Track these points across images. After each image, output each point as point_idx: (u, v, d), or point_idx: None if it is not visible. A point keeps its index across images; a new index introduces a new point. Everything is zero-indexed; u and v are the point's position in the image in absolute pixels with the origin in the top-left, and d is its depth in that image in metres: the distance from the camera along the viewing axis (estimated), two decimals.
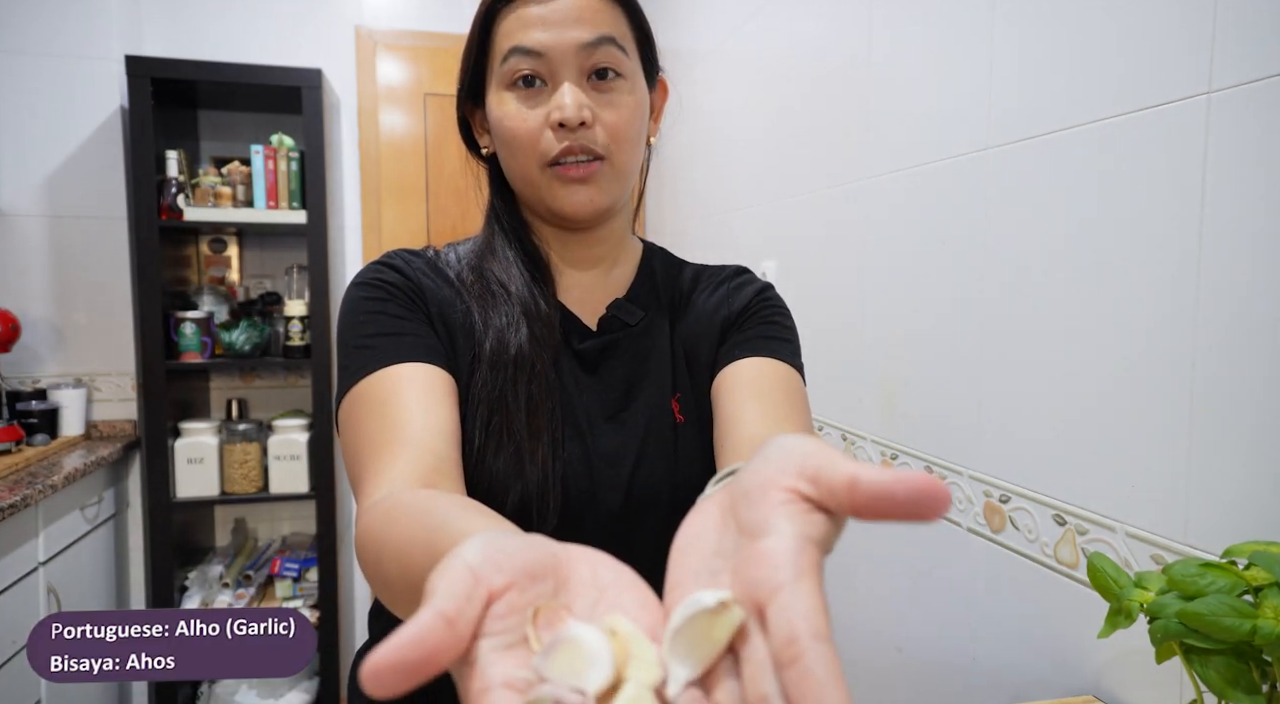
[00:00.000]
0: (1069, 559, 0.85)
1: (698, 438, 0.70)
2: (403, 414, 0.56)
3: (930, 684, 1.12)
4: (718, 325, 0.73)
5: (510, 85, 0.65)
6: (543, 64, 0.63)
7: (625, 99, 0.65)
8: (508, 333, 0.65)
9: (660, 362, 0.71)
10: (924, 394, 1.12)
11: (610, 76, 0.65)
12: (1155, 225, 0.74)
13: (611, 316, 0.72)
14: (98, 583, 2.09)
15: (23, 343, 2.11)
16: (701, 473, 0.69)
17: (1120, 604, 0.57)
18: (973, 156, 0.99)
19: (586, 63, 0.64)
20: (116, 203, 2.23)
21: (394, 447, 0.54)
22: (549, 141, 0.64)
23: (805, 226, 1.46)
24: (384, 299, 0.64)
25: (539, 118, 0.64)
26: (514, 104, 0.65)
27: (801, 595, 0.23)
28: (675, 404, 0.70)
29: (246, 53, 2.38)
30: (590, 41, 0.63)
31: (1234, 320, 0.67)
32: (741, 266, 0.79)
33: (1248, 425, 0.66)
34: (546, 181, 0.66)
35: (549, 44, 0.63)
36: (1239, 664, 0.51)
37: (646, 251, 0.79)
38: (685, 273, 0.78)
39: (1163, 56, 0.73)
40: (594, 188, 0.65)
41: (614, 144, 0.65)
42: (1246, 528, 0.65)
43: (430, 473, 0.52)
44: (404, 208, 2.56)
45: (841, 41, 1.31)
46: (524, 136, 0.64)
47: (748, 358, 0.68)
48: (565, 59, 0.63)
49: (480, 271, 0.70)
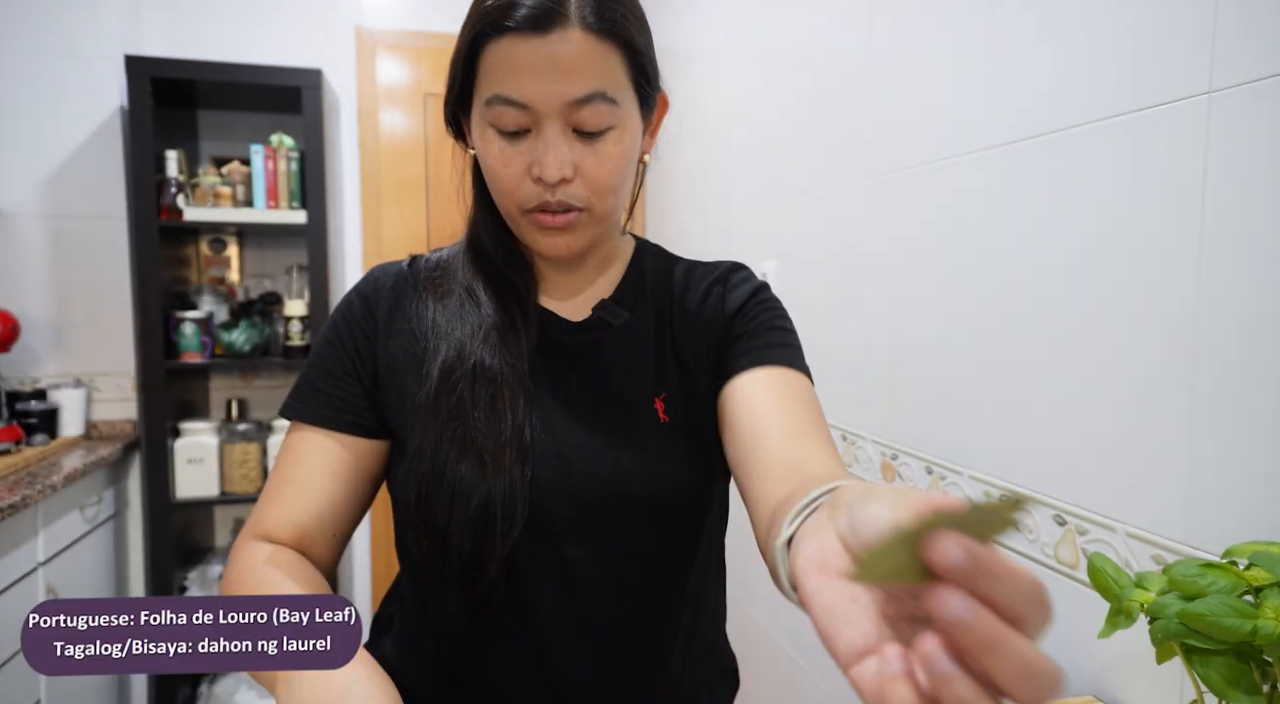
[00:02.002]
0: (1069, 559, 0.85)
1: (683, 438, 0.69)
2: (292, 481, 0.68)
3: None
4: (712, 325, 0.71)
5: (493, 125, 0.62)
6: (526, 115, 0.60)
7: (611, 150, 0.62)
8: (470, 342, 0.67)
9: (644, 362, 0.71)
10: (924, 394, 1.11)
11: (597, 131, 0.62)
12: (1156, 225, 0.74)
13: (595, 317, 0.71)
14: (97, 583, 2.08)
15: (22, 343, 2.11)
16: (684, 474, 0.68)
17: (1121, 604, 0.57)
18: (973, 156, 0.99)
19: (572, 117, 0.60)
20: (116, 203, 2.23)
21: (278, 505, 0.68)
22: (528, 190, 0.62)
23: (805, 226, 1.46)
24: (333, 345, 0.71)
25: (520, 165, 0.62)
26: (496, 145, 0.62)
27: None
28: (660, 404, 0.70)
29: (246, 53, 2.38)
30: (578, 98, 0.59)
31: (1234, 319, 0.67)
32: (736, 263, 0.77)
33: (1248, 425, 0.65)
34: (524, 225, 0.65)
35: (534, 98, 0.59)
36: (1239, 664, 0.51)
37: (638, 250, 0.78)
38: (677, 270, 0.76)
39: (1164, 56, 0.73)
40: (571, 235, 0.65)
41: (595, 196, 0.63)
42: (1247, 528, 0.65)
43: (299, 536, 0.67)
44: (404, 208, 2.56)
45: (842, 41, 1.31)
46: (504, 181, 0.63)
47: (759, 369, 0.67)
48: (550, 112, 0.60)
49: (455, 277, 0.71)
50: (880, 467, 1.23)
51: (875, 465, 1.24)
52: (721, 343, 0.71)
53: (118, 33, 2.20)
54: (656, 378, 0.70)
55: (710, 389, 0.70)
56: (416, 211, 2.57)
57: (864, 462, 1.26)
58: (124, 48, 2.19)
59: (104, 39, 2.18)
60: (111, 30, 2.19)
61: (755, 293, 0.73)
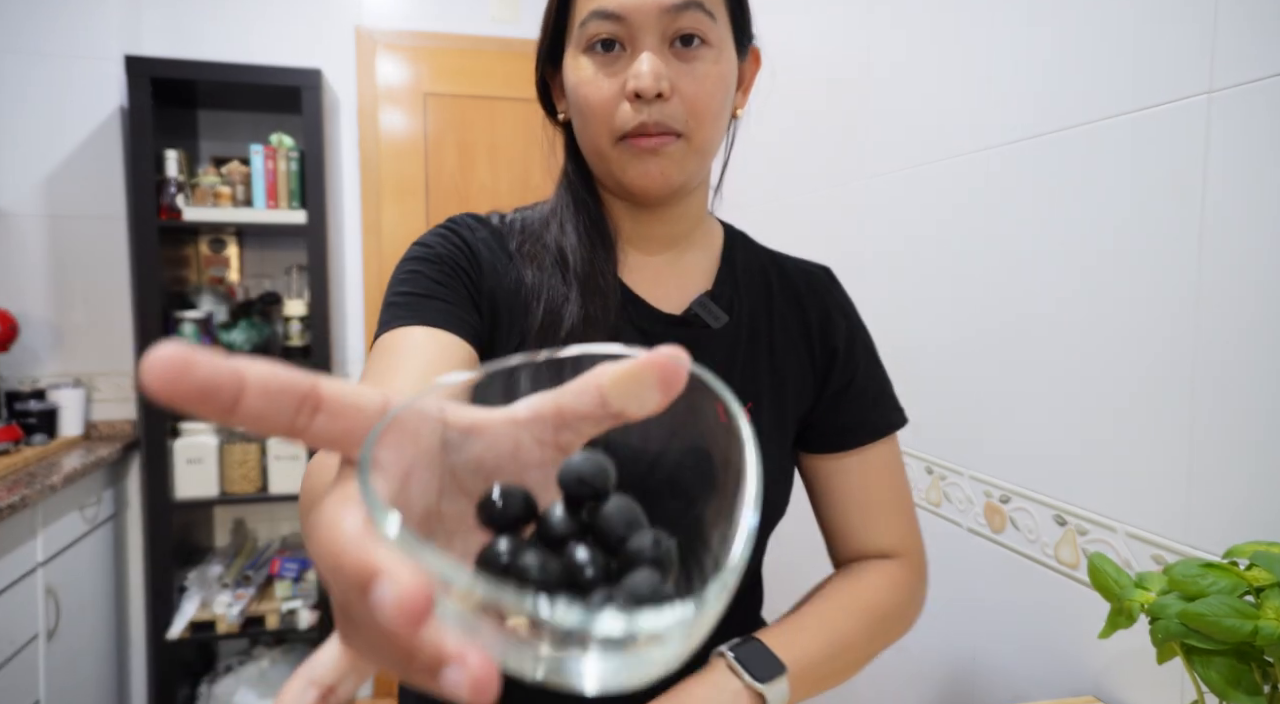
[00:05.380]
0: (1070, 559, 0.85)
1: (767, 448, 0.67)
2: (394, 372, 0.55)
3: (931, 684, 1.12)
4: (814, 347, 0.71)
5: (588, 49, 0.61)
6: (622, 28, 0.59)
7: (709, 69, 0.61)
8: (562, 308, 0.63)
9: (734, 367, 0.68)
10: (925, 394, 1.11)
11: (695, 44, 0.60)
12: (1156, 225, 0.74)
13: (694, 314, 0.68)
14: (97, 584, 2.08)
15: (22, 343, 2.11)
16: (765, 484, 0.67)
17: (1121, 605, 0.57)
18: (973, 156, 0.99)
19: (669, 28, 0.59)
20: (116, 202, 2.22)
21: None
22: (624, 114, 0.60)
23: (805, 226, 1.46)
24: (428, 261, 0.63)
25: (615, 86, 0.60)
26: (590, 70, 0.61)
27: None
28: (746, 413, 0.69)
29: (246, 52, 2.38)
30: (674, 5, 0.58)
31: (1235, 320, 0.66)
32: (828, 269, 0.76)
33: (1249, 425, 0.65)
34: (618, 155, 0.62)
35: (630, 7, 0.58)
36: (1240, 665, 0.51)
37: (729, 239, 0.74)
38: (770, 269, 0.74)
39: (1164, 56, 0.73)
40: (667, 161, 0.61)
41: (693, 119, 0.61)
42: (1248, 528, 0.65)
43: None
44: (404, 208, 2.56)
45: (842, 41, 1.31)
46: (598, 106, 0.61)
47: (861, 452, 0.72)
48: (646, 23, 0.59)
49: (542, 240, 0.67)
50: None
51: None
52: (821, 377, 0.71)
53: (117, 32, 2.20)
54: (745, 386, 0.68)
55: (797, 408, 0.70)
56: (416, 211, 2.57)
57: None
58: (124, 48, 2.19)
59: (104, 39, 2.18)
60: (111, 30, 2.18)
61: (851, 319, 0.74)
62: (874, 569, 0.71)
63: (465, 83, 2.56)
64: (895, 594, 0.69)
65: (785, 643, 0.61)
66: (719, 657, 0.59)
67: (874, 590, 0.69)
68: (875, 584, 0.69)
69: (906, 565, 0.72)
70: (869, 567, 0.71)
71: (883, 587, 0.69)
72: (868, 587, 0.69)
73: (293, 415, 0.22)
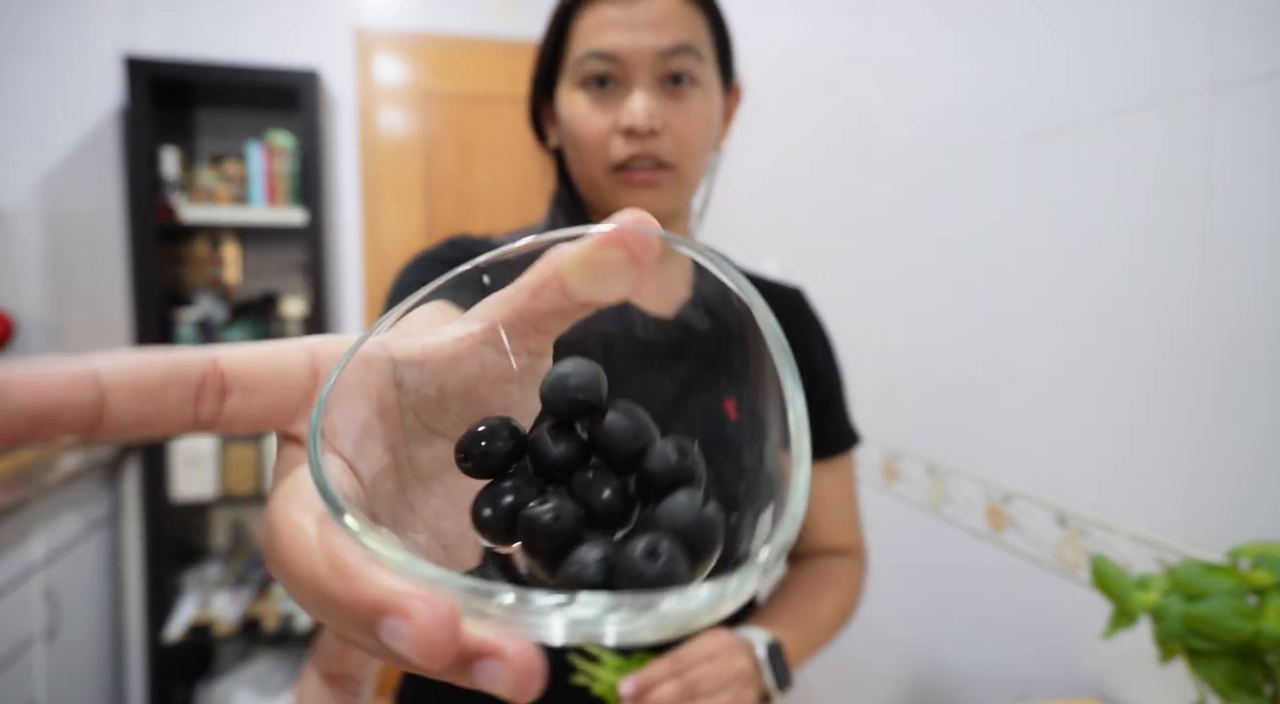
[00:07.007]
0: (1071, 560, 0.85)
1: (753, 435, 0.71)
2: None
3: (932, 685, 1.11)
4: None
5: (582, 84, 0.64)
6: (617, 67, 0.63)
7: (697, 108, 0.64)
8: None
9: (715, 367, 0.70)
10: (925, 394, 1.11)
11: (684, 83, 0.64)
12: (1158, 224, 0.74)
13: (681, 319, 0.71)
14: (95, 585, 2.08)
15: (18, 342, 2.10)
16: None
17: (1123, 606, 0.57)
18: (974, 155, 0.99)
19: (662, 69, 0.63)
20: (113, 202, 2.22)
21: None
22: (617, 147, 0.63)
23: (805, 226, 1.46)
24: (433, 259, 0.66)
25: (608, 121, 0.63)
26: (585, 104, 0.64)
27: None
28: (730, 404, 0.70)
29: (245, 52, 2.38)
30: (667, 48, 0.62)
31: (1238, 319, 0.66)
32: (799, 291, 0.82)
33: (1252, 426, 0.65)
34: (611, 185, 0.65)
35: (625, 48, 0.62)
36: (1242, 666, 0.50)
37: None
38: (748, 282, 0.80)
39: (1166, 54, 0.73)
40: (657, 194, 0.65)
41: (683, 153, 0.64)
42: (1250, 529, 0.65)
43: None
44: (403, 208, 2.55)
45: (841, 40, 1.31)
46: (592, 139, 0.64)
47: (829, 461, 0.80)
48: (640, 63, 0.62)
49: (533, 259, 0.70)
50: (881, 468, 1.23)
51: (876, 467, 1.24)
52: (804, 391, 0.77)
53: (115, 31, 2.19)
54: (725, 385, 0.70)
55: None
56: (416, 212, 2.56)
57: (864, 463, 1.25)
58: (122, 46, 2.18)
59: (101, 37, 2.17)
60: (109, 29, 2.18)
61: (825, 342, 0.82)
62: (848, 572, 0.82)
63: (465, 82, 2.56)
64: (858, 593, 0.82)
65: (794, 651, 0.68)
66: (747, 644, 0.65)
67: (852, 593, 0.81)
68: (853, 586, 0.81)
69: (859, 564, 0.84)
70: (843, 570, 0.81)
71: (855, 589, 0.82)
72: (848, 592, 0.81)
73: (192, 406, 0.19)
